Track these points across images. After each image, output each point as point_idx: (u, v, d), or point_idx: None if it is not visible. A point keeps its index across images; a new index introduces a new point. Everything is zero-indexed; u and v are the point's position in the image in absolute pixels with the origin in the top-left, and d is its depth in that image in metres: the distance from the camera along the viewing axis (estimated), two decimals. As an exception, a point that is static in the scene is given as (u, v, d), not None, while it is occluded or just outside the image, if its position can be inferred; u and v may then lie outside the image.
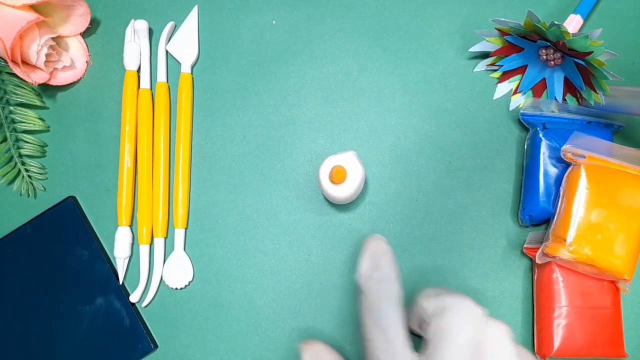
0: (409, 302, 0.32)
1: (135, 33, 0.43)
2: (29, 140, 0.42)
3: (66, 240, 0.41)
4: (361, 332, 0.31)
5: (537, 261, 0.37)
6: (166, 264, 0.41)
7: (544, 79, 0.41)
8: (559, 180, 0.38)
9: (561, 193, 0.37)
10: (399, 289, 0.31)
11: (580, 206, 0.35)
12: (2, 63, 0.41)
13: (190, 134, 0.42)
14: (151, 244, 0.41)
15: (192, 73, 0.43)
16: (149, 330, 0.40)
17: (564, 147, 0.37)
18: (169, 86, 0.43)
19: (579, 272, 0.37)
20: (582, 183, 0.35)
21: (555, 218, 0.37)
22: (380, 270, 0.31)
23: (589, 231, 0.35)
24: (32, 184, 0.42)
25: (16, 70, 0.39)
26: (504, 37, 0.40)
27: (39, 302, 0.40)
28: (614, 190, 0.35)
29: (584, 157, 0.36)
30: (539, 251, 0.37)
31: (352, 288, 0.40)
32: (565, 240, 0.35)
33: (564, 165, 0.38)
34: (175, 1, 0.44)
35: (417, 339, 0.31)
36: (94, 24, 0.44)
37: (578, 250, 0.35)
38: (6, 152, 0.41)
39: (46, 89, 0.43)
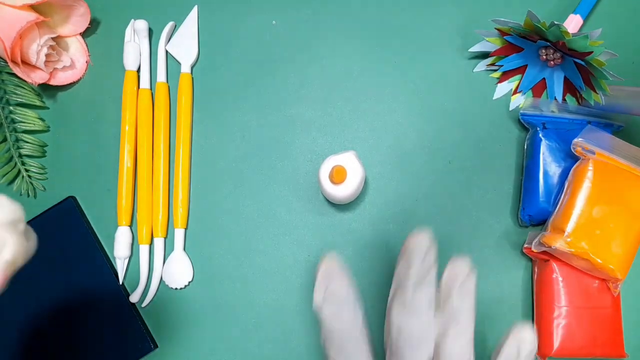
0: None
1: (135, 33, 0.43)
2: (29, 140, 0.42)
3: (66, 240, 0.41)
4: None
5: (533, 249, 0.37)
6: (166, 264, 0.41)
7: (544, 79, 0.41)
8: (559, 180, 0.38)
9: (566, 185, 0.37)
10: (355, 313, 0.30)
11: (583, 200, 0.35)
12: (2, 63, 0.41)
13: (190, 134, 0.42)
14: (151, 244, 0.41)
15: (191, 73, 0.43)
16: (149, 330, 0.40)
17: (575, 139, 0.36)
18: (168, 86, 0.43)
19: (579, 272, 0.37)
20: (588, 178, 0.36)
21: (556, 209, 0.37)
22: (332, 297, 0.30)
23: (589, 225, 0.35)
24: (32, 184, 0.42)
25: (16, 70, 0.39)
26: (504, 37, 0.40)
27: (38, 302, 0.40)
28: (619, 189, 0.35)
29: (594, 153, 0.36)
30: (536, 239, 0.37)
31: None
32: (564, 231, 0.35)
33: (564, 165, 0.38)
34: (175, 1, 0.44)
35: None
36: (93, 24, 0.44)
37: (575, 243, 0.35)
38: (6, 152, 0.41)
39: (46, 89, 0.43)
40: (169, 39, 0.43)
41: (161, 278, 0.41)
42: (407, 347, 0.29)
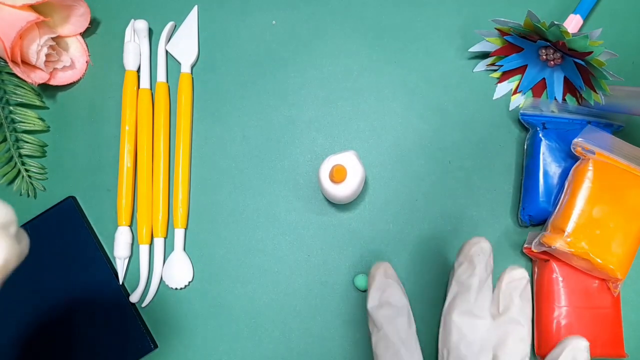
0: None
1: (135, 33, 0.43)
2: (29, 140, 0.42)
3: (66, 240, 0.41)
4: None
5: (533, 249, 0.37)
6: (166, 264, 0.41)
7: (544, 79, 0.41)
8: (559, 180, 0.38)
9: (566, 185, 0.37)
10: (409, 318, 0.31)
11: (583, 200, 0.35)
12: (2, 63, 0.41)
13: (190, 134, 0.42)
14: (151, 244, 0.41)
15: (191, 73, 0.43)
16: (149, 330, 0.40)
17: (575, 139, 0.36)
18: (168, 86, 0.43)
19: (579, 272, 0.37)
20: (588, 178, 0.36)
21: (556, 209, 0.37)
22: (389, 305, 0.31)
23: (589, 225, 0.35)
24: (32, 184, 0.42)
25: (16, 70, 0.39)
26: (504, 37, 0.40)
27: (38, 302, 0.40)
28: (619, 189, 0.35)
29: (594, 153, 0.36)
30: (536, 239, 0.37)
31: (353, 288, 0.40)
32: (564, 231, 0.35)
33: (564, 165, 0.38)
34: (175, 1, 0.44)
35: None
36: (93, 24, 0.44)
37: (575, 243, 0.35)
38: (6, 152, 0.41)
39: (46, 89, 0.43)
40: (169, 39, 0.43)
41: (161, 278, 0.41)
42: (469, 351, 0.29)
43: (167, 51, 0.43)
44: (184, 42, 0.43)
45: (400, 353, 0.30)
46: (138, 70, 0.43)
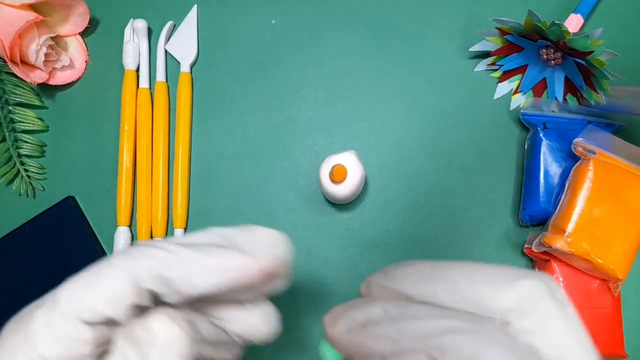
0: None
1: (135, 32, 0.43)
2: (28, 140, 0.42)
3: (65, 240, 0.40)
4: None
5: (534, 249, 0.37)
6: (166, 264, 0.40)
7: (545, 78, 0.41)
8: (559, 180, 0.38)
9: (566, 185, 0.37)
10: None
11: (583, 200, 0.35)
12: (1, 63, 0.41)
13: (190, 134, 0.42)
14: (151, 244, 0.41)
15: (191, 73, 0.43)
16: (149, 331, 0.40)
17: (576, 139, 0.36)
18: (168, 86, 0.43)
19: (580, 272, 0.37)
20: (589, 178, 0.35)
21: (557, 209, 0.37)
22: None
23: (589, 226, 0.35)
24: (31, 184, 0.42)
25: (15, 69, 0.39)
26: (505, 36, 0.40)
27: (38, 303, 0.40)
28: (619, 189, 0.35)
29: (595, 153, 0.36)
30: (537, 239, 0.37)
31: (352, 288, 0.40)
32: (564, 231, 0.35)
33: (565, 165, 0.38)
34: (175, 1, 0.44)
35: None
36: (93, 24, 0.44)
37: (575, 243, 0.35)
38: (5, 152, 0.41)
39: (45, 89, 0.43)
40: (168, 39, 0.43)
41: (161, 278, 0.40)
42: None
43: (166, 51, 0.43)
44: (184, 42, 0.43)
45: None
46: (137, 70, 0.43)
